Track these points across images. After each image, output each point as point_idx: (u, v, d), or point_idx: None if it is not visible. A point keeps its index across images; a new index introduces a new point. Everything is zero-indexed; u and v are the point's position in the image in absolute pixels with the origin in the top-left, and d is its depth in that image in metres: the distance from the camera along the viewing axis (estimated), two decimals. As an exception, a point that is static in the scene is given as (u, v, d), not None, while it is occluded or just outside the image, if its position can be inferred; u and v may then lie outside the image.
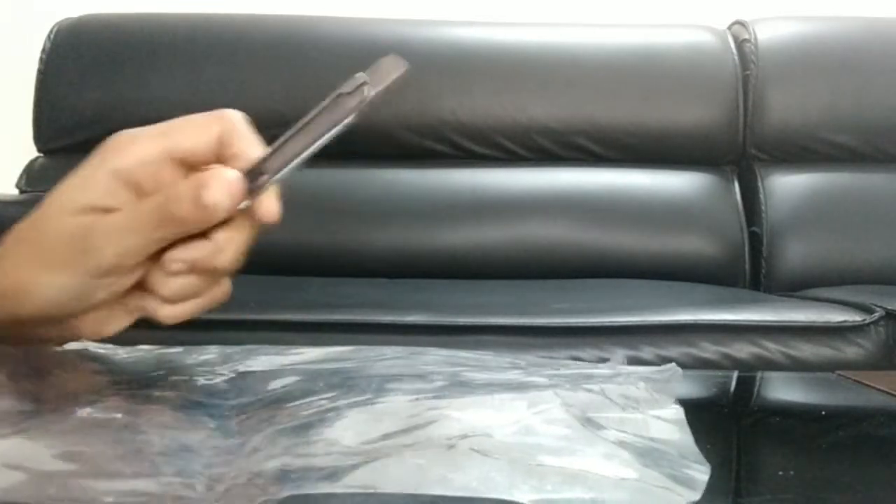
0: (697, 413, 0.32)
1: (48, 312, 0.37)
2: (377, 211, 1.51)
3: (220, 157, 0.36)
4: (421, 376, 0.33)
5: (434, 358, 0.40)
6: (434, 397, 0.32)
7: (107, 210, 0.35)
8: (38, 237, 0.36)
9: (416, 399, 0.31)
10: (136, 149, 0.36)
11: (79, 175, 0.37)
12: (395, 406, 0.31)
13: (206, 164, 0.36)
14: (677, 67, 1.59)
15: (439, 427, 0.27)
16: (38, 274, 0.36)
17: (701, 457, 0.27)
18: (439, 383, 0.34)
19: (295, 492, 0.23)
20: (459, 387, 0.34)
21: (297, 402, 0.32)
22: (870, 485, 0.28)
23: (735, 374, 0.65)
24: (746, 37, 1.62)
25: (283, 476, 0.24)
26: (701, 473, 0.26)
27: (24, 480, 0.25)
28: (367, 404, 0.31)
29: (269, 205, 0.36)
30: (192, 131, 0.36)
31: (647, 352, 1.00)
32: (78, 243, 0.35)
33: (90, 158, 0.37)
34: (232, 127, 0.36)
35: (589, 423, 0.29)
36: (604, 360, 0.43)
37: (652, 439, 0.29)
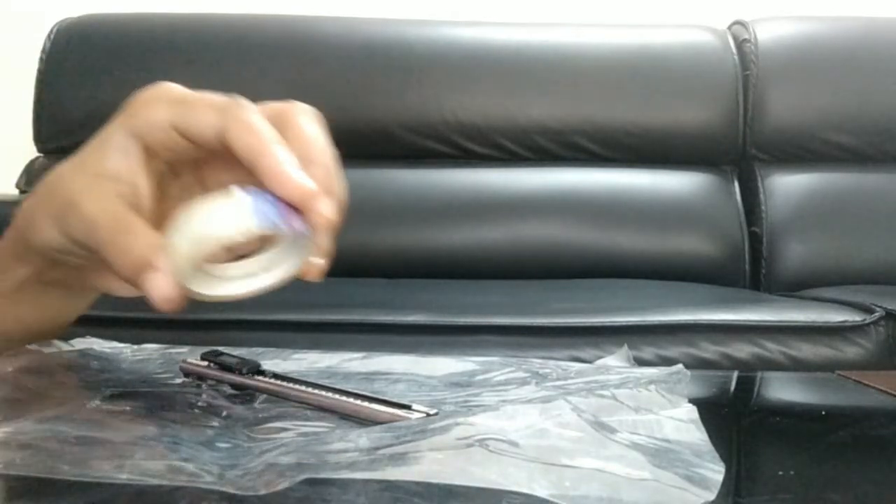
0: (703, 413, 0.32)
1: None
2: (377, 211, 1.51)
3: (224, 148, 0.35)
4: (431, 404, 0.34)
5: (440, 379, 0.40)
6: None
7: (117, 177, 0.36)
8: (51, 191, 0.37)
9: (428, 416, 0.32)
10: (147, 112, 0.37)
11: (97, 139, 0.38)
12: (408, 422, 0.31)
13: (213, 147, 0.35)
14: (677, 67, 1.59)
15: (455, 432, 0.28)
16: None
17: (716, 456, 0.28)
18: (451, 409, 0.34)
19: (313, 475, 0.23)
20: (472, 408, 0.34)
21: (307, 409, 0.32)
22: (870, 485, 0.28)
23: (739, 375, 0.65)
24: (746, 37, 1.63)
25: (300, 467, 0.24)
26: (715, 473, 0.26)
27: (39, 457, 0.25)
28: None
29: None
30: (201, 113, 0.35)
31: (647, 352, 1.00)
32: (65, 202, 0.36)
33: (111, 122, 0.38)
34: (234, 125, 0.34)
35: (601, 426, 0.29)
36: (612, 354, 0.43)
37: (666, 440, 0.29)
